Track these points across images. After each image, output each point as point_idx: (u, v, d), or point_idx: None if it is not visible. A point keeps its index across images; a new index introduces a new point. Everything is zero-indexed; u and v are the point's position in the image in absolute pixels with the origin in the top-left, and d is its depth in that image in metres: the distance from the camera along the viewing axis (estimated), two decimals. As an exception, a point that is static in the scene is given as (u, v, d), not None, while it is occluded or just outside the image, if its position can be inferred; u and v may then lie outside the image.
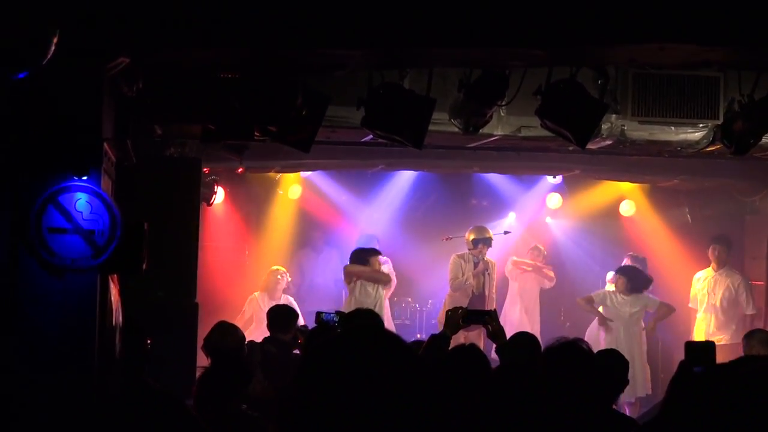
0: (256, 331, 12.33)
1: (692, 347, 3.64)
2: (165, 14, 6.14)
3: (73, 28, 5.62)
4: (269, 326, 9.71)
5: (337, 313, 8.17)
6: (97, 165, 6.20)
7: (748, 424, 2.78)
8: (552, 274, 15.09)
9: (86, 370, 6.09)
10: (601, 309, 13.47)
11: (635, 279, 13.36)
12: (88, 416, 5.98)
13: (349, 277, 13.44)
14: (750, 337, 9.59)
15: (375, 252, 13.61)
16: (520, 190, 16.19)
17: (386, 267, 14.11)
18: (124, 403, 5.91)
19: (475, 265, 13.75)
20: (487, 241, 13.86)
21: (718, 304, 13.43)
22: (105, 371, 6.31)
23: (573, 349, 5.79)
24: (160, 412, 5.93)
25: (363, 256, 13.46)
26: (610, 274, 14.14)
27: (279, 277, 13.81)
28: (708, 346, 3.61)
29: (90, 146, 6.17)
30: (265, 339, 9.62)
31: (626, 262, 14.16)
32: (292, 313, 10.07)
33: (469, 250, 13.85)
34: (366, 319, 7.70)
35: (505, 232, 14.84)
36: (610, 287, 13.94)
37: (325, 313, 8.14)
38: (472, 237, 13.87)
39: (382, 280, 13.56)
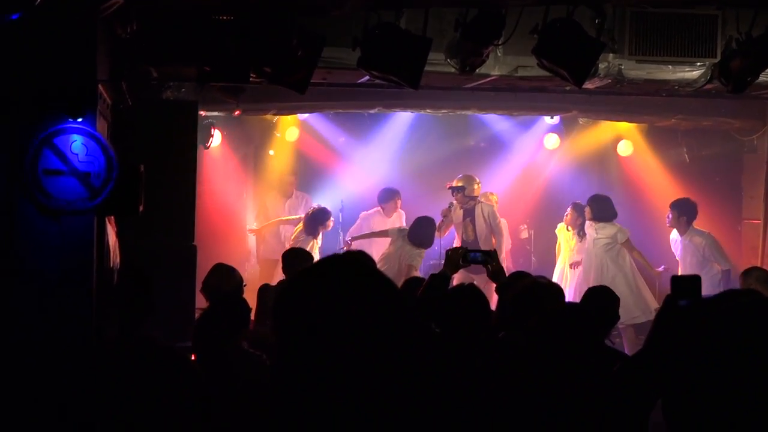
0: None
1: (678, 281, 3.63)
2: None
3: (65, -31, 5.59)
4: (284, 269, 9.72)
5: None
6: (92, 107, 6.18)
7: (733, 357, 2.80)
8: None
9: (85, 311, 6.11)
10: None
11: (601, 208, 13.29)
12: (86, 361, 6.00)
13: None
14: (747, 274, 9.58)
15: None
16: (517, 130, 16.16)
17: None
18: (124, 357, 5.88)
19: (465, 214, 13.80)
20: (459, 189, 13.84)
21: (687, 269, 13.16)
22: (103, 315, 6.33)
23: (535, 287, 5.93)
24: (161, 370, 5.89)
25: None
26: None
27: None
28: (694, 280, 3.59)
29: (85, 88, 6.15)
30: (280, 282, 9.64)
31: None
32: (307, 256, 10.06)
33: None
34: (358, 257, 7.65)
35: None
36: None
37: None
38: (459, 185, 13.87)
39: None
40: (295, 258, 9.72)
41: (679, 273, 12.70)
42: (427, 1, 7.59)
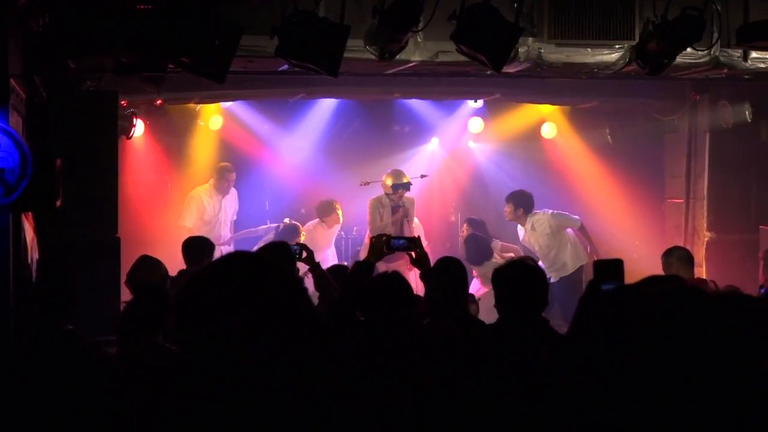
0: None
1: (601, 265, 3.66)
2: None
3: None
4: (184, 258, 9.67)
5: (299, 245, 8.00)
6: (4, 102, 6.09)
7: (654, 342, 2.83)
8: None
9: (2, 310, 6.03)
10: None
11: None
12: (4, 360, 5.91)
13: None
14: (669, 254, 9.63)
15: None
16: (441, 114, 16.19)
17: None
18: (44, 354, 5.81)
19: (394, 210, 13.74)
20: (406, 186, 13.82)
21: (543, 249, 13.12)
22: (22, 311, 6.25)
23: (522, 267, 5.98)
24: (82, 367, 5.82)
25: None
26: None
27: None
28: (617, 264, 3.63)
29: (-5, 83, 6.06)
30: (180, 271, 9.57)
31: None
32: (206, 244, 10.00)
33: (387, 194, 13.82)
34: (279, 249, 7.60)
35: (422, 176, 14.66)
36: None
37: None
38: (390, 182, 13.80)
39: None
40: (196, 247, 9.70)
41: (539, 257, 12.88)
42: (344, -11, 7.57)
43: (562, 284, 12.63)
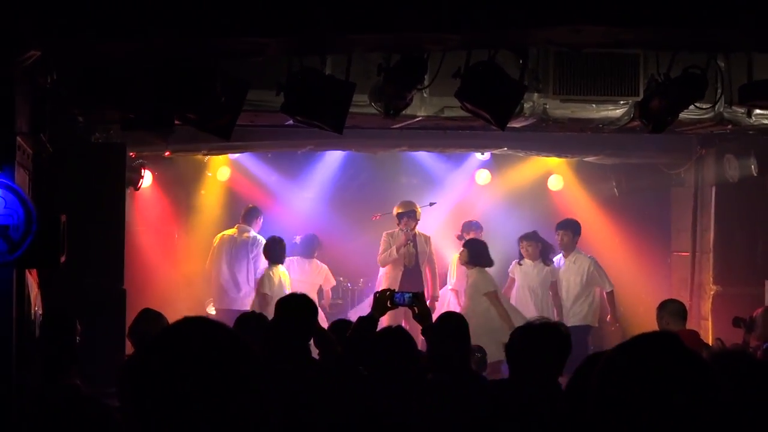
0: None
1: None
2: (75, 4, 6.08)
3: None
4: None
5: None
6: (10, 160, 6.15)
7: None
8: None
9: (4, 366, 6.05)
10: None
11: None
12: (7, 416, 5.93)
13: None
14: (662, 308, 9.64)
15: None
16: (449, 167, 16.26)
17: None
18: (47, 408, 5.82)
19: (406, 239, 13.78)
20: (412, 214, 13.85)
21: (570, 289, 13.27)
22: (25, 367, 6.27)
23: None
24: (84, 421, 5.83)
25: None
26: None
27: None
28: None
29: (2, 141, 6.12)
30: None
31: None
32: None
33: (397, 225, 13.88)
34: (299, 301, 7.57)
35: (431, 204, 14.82)
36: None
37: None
38: (398, 211, 13.89)
39: None
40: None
41: (563, 293, 12.92)
42: (348, 47, 7.62)
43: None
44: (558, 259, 13.50)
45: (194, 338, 2.53)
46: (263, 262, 13.33)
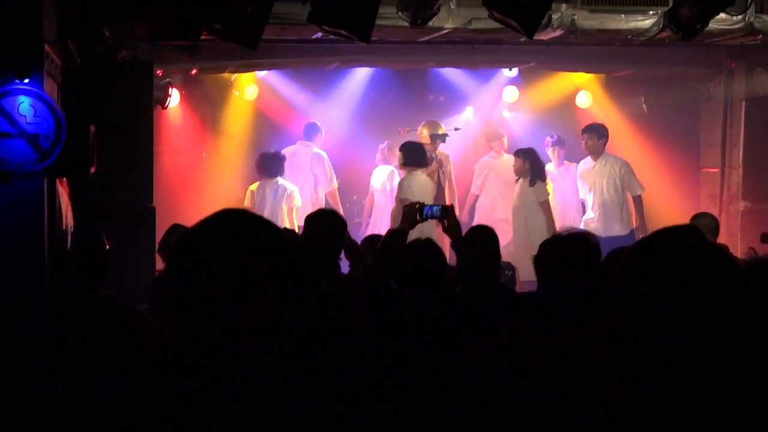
0: None
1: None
2: None
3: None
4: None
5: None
6: (39, 67, 6.12)
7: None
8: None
9: (37, 273, 6.09)
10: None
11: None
12: (40, 325, 5.98)
13: None
14: (694, 221, 9.60)
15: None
16: (476, 84, 16.15)
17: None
18: (81, 316, 5.85)
19: (429, 161, 13.70)
20: (443, 137, 13.81)
21: (603, 196, 13.04)
22: (58, 276, 6.31)
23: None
24: (121, 328, 5.86)
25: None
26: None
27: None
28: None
29: (31, 48, 6.09)
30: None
31: None
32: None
33: (428, 144, 13.81)
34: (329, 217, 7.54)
35: (456, 129, 14.68)
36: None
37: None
38: (427, 132, 13.78)
39: None
40: None
41: (591, 200, 12.82)
42: (376, -45, 7.57)
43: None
44: (585, 161, 13.34)
45: (234, 228, 2.47)
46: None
